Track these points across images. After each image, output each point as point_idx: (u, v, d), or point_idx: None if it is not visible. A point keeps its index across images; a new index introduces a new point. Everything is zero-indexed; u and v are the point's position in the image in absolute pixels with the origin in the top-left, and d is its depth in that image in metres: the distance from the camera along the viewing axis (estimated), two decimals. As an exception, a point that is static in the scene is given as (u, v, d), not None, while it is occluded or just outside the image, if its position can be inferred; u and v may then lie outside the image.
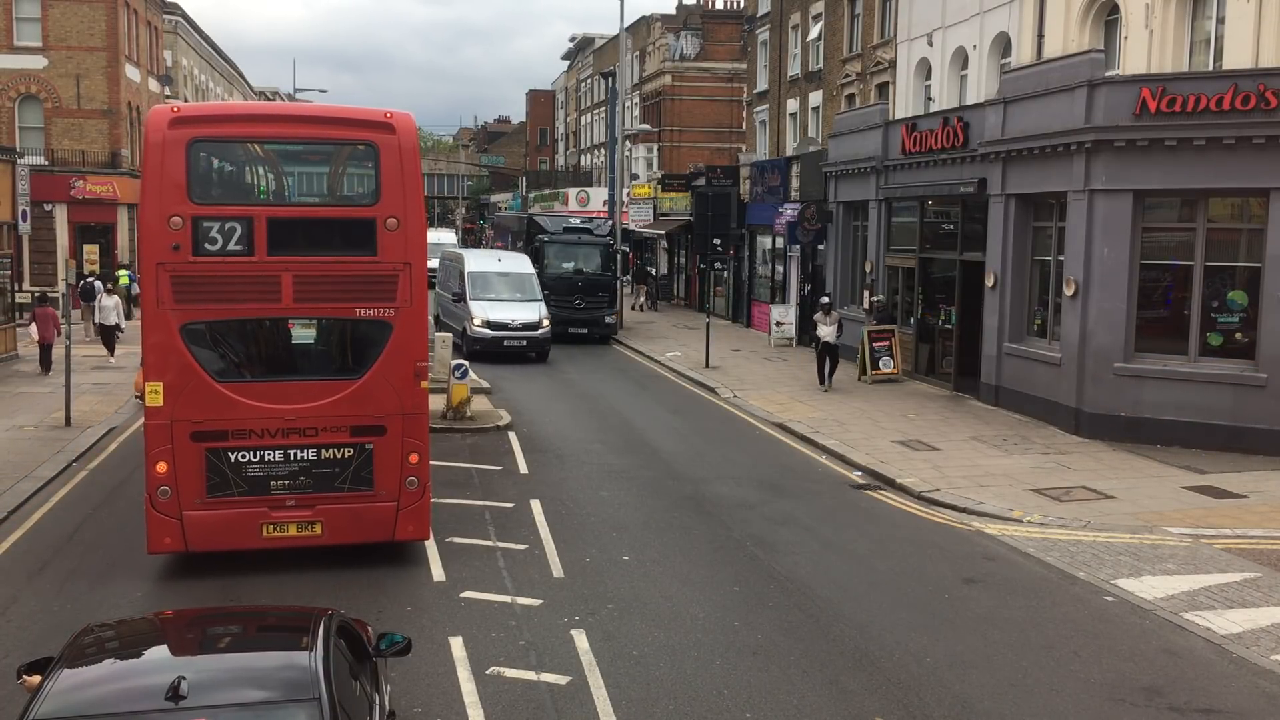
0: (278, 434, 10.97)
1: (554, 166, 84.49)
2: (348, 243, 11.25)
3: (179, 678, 5.16)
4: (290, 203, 11.80)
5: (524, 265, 30.31)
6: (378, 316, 11.20)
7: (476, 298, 28.04)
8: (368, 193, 11.45)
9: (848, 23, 33.72)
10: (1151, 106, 17.01)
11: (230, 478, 10.89)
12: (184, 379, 10.75)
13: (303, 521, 11.09)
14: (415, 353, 11.33)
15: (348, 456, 11.18)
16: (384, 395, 11.17)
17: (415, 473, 11.34)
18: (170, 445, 10.74)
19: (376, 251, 11.11)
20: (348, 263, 11.16)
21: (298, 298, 11.03)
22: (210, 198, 10.97)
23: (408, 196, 11.15)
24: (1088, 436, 18.02)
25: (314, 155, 12.17)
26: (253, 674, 5.61)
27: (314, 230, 11.35)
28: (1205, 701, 8.64)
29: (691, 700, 8.46)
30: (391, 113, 11.36)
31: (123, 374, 23.25)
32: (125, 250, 40.15)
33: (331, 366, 11.79)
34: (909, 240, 25.37)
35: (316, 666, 5.45)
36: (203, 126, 11.15)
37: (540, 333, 27.69)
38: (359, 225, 11.22)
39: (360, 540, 11.40)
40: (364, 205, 11.42)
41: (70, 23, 38.70)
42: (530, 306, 27.98)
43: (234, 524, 10.93)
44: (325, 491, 11.12)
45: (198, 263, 10.72)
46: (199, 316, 10.88)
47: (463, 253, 32.51)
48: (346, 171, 12.26)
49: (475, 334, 27.35)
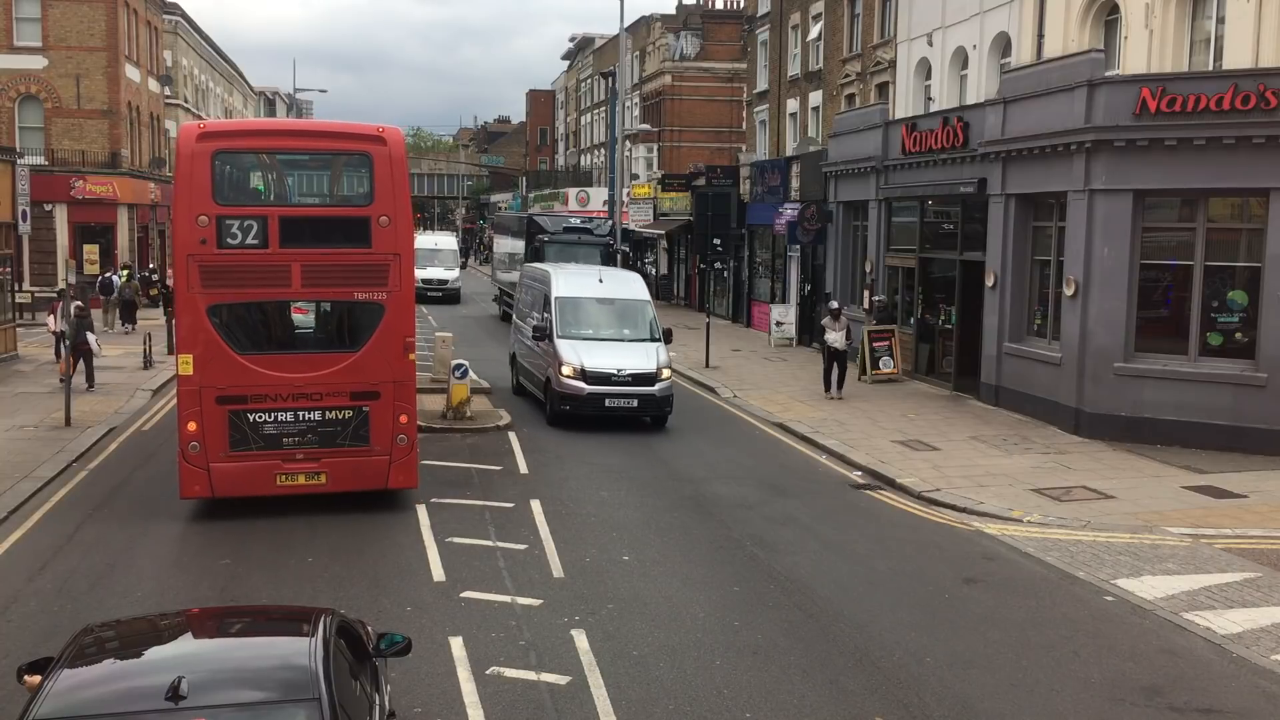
0: (289, 398, 12.88)
1: (554, 166, 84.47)
2: (346, 237, 13.08)
3: (179, 678, 5.15)
4: (298, 204, 13.97)
5: (635, 288, 21.35)
6: (372, 299, 13.11)
7: (567, 334, 19.54)
8: (363, 195, 13.28)
9: (848, 23, 33.71)
10: (1151, 106, 17.01)
11: (249, 435, 12.81)
12: (210, 352, 12.65)
13: (310, 472, 12.98)
14: (404, 330, 13.23)
15: (348, 417, 13.11)
16: (378, 366, 13.07)
17: (405, 431, 13.29)
18: (199, 407, 12.66)
19: (371, 244, 12.99)
20: (346, 254, 13.01)
21: (305, 283, 12.98)
22: (231, 200, 12.88)
23: (397, 198, 13.03)
24: (1088, 436, 18.01)
25: (318, 164, 14.37)
26: (252, 674, 5.59)
27: (318, 227, 13.29)
28: (1205, 701, 8.64)
29: (691, 700, 8.46)
30: (383, 128, 13.42)
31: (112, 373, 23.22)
32: (125, 250, 40.16)
33: (333, 341, 13.64)
34: (909, 240, 25.37)
35: (316, 666, 5.45)
36: (225, 140, 13.23)
37: (659, 388, 18.98)
38: (356, 222, 13.11)
39: (358, 488, 13.24)
40: (360, 205, 13.25)
41: (70, 23, 38.69)
42: (644, 350, 19.43)
43: (253, 474, 12.85)
44: (329, 447, 13.03)
45: (221, 254, 12.61)
46: (222, 299, 12.77)
47: (549, 270, 22.10)
48: (345, 177, 14.11)
49: (563, 387, 18.79)
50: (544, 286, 20.92)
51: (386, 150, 13.03)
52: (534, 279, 22.55)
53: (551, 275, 21.05)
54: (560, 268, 23.04)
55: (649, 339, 19.84)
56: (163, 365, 24.67)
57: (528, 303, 22.36)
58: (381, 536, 12.48)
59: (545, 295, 20.54)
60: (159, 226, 46.70)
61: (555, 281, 20.57)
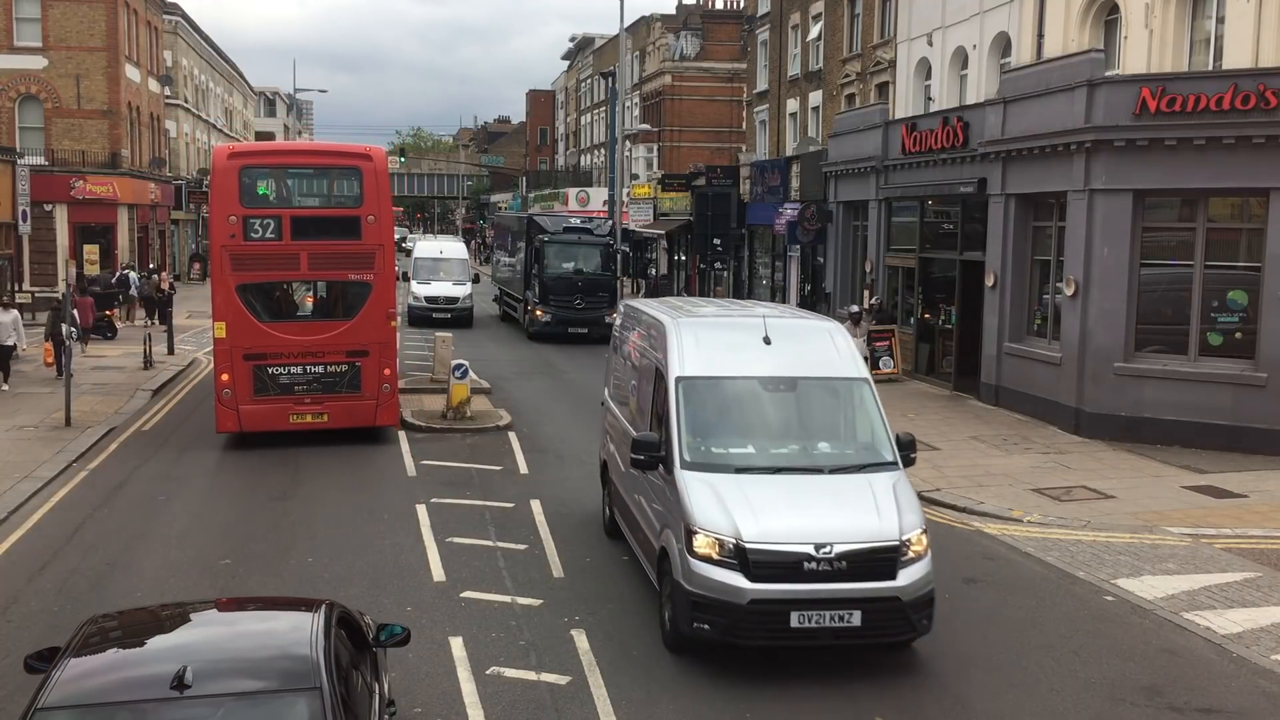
0: (299, 356, 16.73)
1: (554, 166, 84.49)
2: (342, 231, 16.94)
3: (183, 667, 5.25)
4: (304, 206, 17.62)
5: (833, 350, 10.41)
6: (362, 279, 16.96)
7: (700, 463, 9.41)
8: (354, 199, 17.10)
9: (848, 23, 33.71)
10: (1151, 106, 17.00)
11: (269, 383, 16.65)
12: (238, 320, 16.43)
13: (315, 412, 16.85)
14: (387, 303, 17.11)
15: (344, 370, 16.96)
16: (367, 330, 16.95)
17: (388, 381, 17.23)
18: (230, 363, 16.47)
19: (361, 237, 16.85)
20: (342, 244, 16.83)
21: (310, 267, 16.96)
22: (253, 203, 16.66)
23: (381, 202, 17.04)
24: (1088, 436, 18.01)
25: (319, 176, 17.97)
26: (255, 663, 5.67)
27: (320, 224, 17.25)
28: (1205, 701, 8.64)
29: (692, 700, 8.46)
30: (370, 148, 17.86)
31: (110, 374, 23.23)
32: (125, 251, 40.12)
33: (332, 312, 17.39)
34: (909, 240, 25.37)
35: (318, 656, 5.55)
36: (248, 158, 17.67)
37: (907, 581, 8.81)
38: (349, 220, 17.00)
39: (352, 425, 17.00)
40: (352, 207, 17.08)
41: (70, 23, 38.70)
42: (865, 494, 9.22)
43: (271, 413, 16.68)
44: (330, 393, 16.90)
45: (246, 245, 16.46)
46: (247, 280, 16.61)
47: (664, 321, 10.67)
48: (340, 186, 17.56)
49: (697, 584, 8.76)
50: (660, 334, 10.84)
51: (373, 165, 17.05)
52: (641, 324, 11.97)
53: (668, 329, 10.60)
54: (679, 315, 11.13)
55: (874, 465, 9.76)
56: (162, 366, 24.69)
57: (624, 377, 12.49)
58: (382, 536, 12.48)
59: (656, 368, 10.65)
60: (159, 227, 46.70)
61: (672, 335, 10.45)
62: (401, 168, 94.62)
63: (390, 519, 13.19)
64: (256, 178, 16.82)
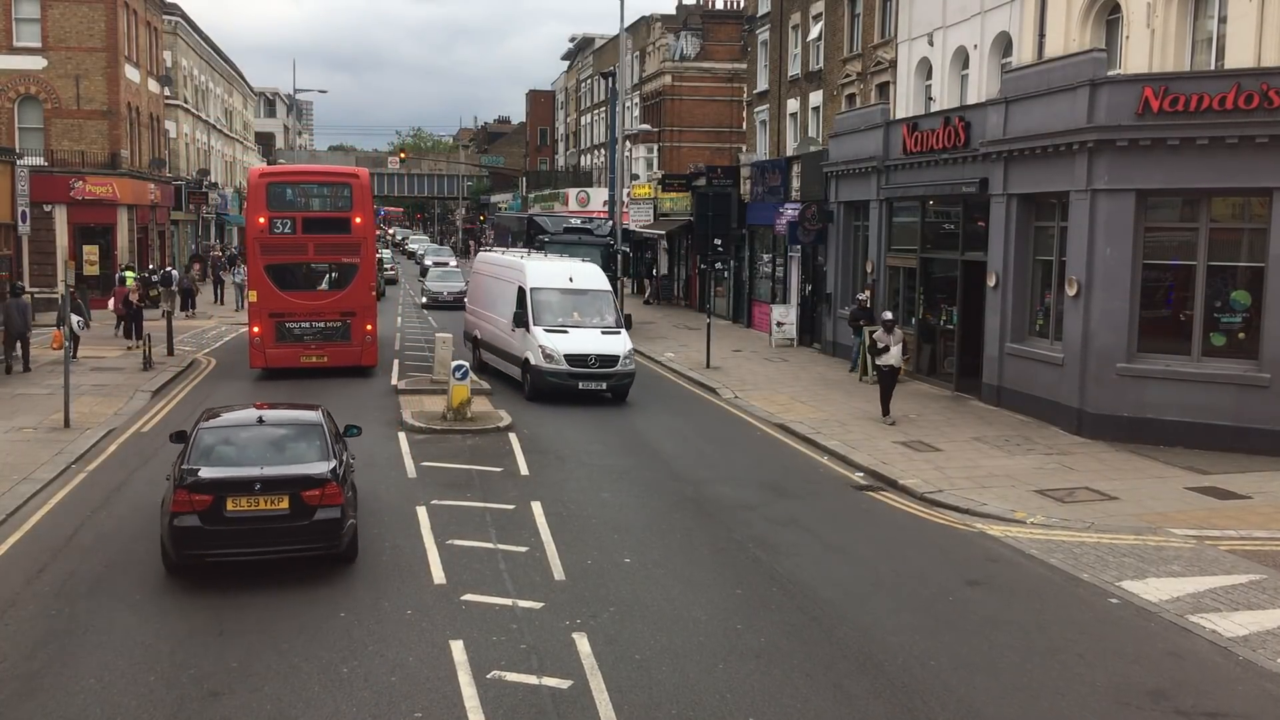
0: (307, 315, 23.64)
1: (554, 167, 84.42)
2: (338, 228, 23.85)
3: (260, 416, 11.93)
4: (312, 210, 24.10)
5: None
6: (352, 262, 23.94)
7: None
8: (346, 205, 24.09)
9: (848, 22, 33.66)
10: (1154, 106, 16.95)
11: (286, 334, 23.50)
12: (265, 289, 23.46)
13: (318, 354, 23.64)
14: (369, 280, 24.37)
15: (339, 326, 23.88)
16: (354, 298, 23.93)
17: (370, 334, 24.18)
18: (261, 319, 23.42)
19: (350, 233, 23.88)
20: (337, 237, 23.77)
21: (315, 253, 23.84)
22: (276, 208, 23.56)
23: (365, 208, 24.28)
24: (1090, 437, 17.96)
25: (322, 189, 24.70)
26: (294, 419, 12.11)
27: (323, 223, 23.92)
28: (1211, 705, 8.58)
29: (694, 704, 8.40)
30: (357, 170, 25.97)
31: (111, 376, 23.17)
32: (125, 251, 40.04)
33: (330, 285, 24.17)
34: (910, 240, 25.31)
35: (321, 419, 12.09)
36: (273, 177, 25.42)
37: None
38: (342, 220, 23.97)
39: (345, 364, 23.83)
40: (344, 211, 24.05)
41: (70, 23, 38.64)
42: None
43: (288, 355, 23.55)
44: (329, 342, 23.82)
45: (271, 237, 23.39)
46: (271, 262, 23.49)
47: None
48: (336, 196, 24.40)
49: None
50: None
51: (359, 181, 24.59)
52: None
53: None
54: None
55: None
56: (162, 366, 24.65)
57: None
58: (382, 538, 12.42)
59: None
60: (159, 227, 46.62)
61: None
62: (402, 168, 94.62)
63: (390, 520, 13.13)
64: (278, 190, 23.93)
